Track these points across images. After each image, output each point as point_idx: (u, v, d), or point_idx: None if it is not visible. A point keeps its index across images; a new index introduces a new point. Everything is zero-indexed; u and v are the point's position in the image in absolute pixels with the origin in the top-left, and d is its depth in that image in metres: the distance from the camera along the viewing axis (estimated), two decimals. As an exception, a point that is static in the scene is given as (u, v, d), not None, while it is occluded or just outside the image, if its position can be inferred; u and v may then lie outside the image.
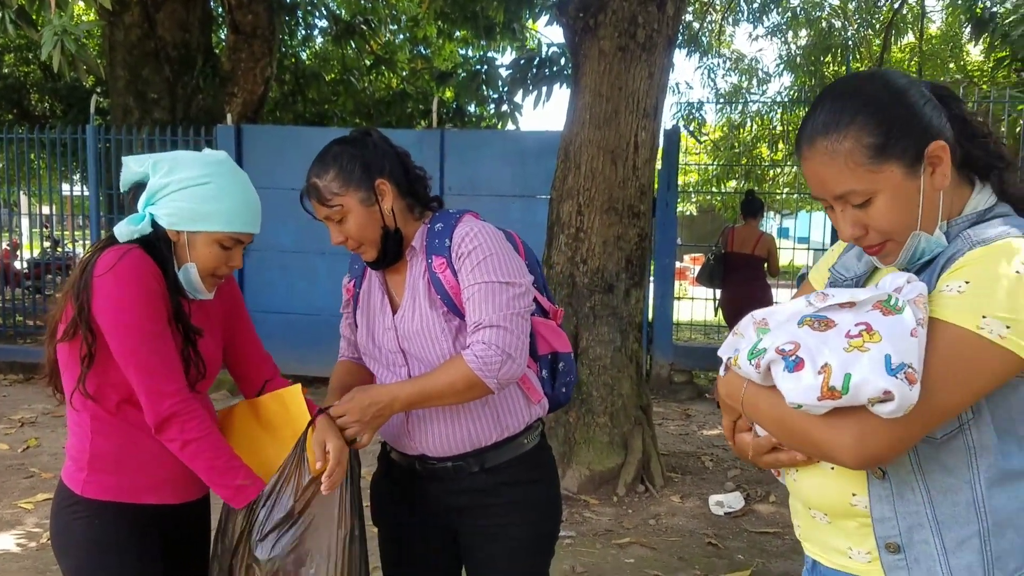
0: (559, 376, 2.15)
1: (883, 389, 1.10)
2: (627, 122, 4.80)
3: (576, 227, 4.88)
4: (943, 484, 1.23)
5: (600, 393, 4.92)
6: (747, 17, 13.01)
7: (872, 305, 1.18)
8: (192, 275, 1.87)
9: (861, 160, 1.24)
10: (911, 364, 1.11)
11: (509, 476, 2.02)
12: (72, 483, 1.86)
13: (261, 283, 7.80)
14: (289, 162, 7.59)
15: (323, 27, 12.20)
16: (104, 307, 1.75)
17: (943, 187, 1.26)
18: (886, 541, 1.28)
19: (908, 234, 1.27)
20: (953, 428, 1.22)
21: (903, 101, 1.25)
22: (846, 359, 1.13)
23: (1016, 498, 1.22)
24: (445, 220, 2.00)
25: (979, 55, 13.60)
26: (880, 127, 1.24)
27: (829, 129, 1.26)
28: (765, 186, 12.82)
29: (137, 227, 1.82)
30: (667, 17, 4.79)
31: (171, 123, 8.30)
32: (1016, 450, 1.22)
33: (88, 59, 5.52)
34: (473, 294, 1.89)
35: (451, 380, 1.87)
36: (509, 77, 8.00)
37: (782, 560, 4.08)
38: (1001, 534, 1.22)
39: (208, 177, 1.85)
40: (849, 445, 1.17)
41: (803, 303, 1.26)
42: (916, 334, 1.13)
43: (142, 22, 8.57)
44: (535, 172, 7.09)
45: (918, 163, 1.24)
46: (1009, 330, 1.14)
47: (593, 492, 4.85)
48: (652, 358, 7.93)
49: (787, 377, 1.18)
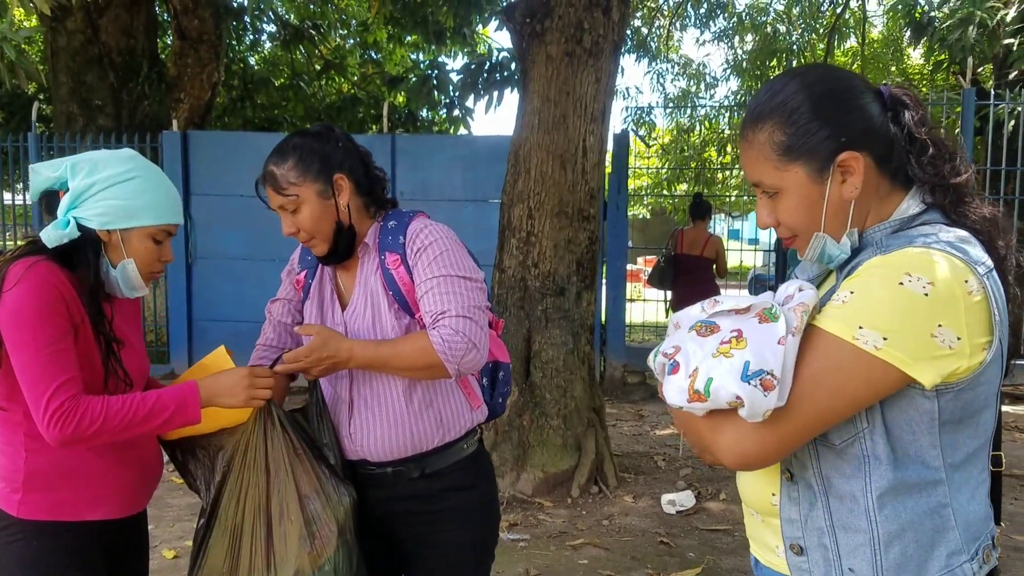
0: (498, 386, 2.17)
1: (735, 394, 1.13)
2: (575, 126, 4.84)
3: (527, 231, 4.91)
4: (840, 490, 1.24)
5: (553, 395, 4.95)
6: (694, 22, 13.21)
7: (755, 313, 1.21)
8: (131, 272, 1.84)
9: (769, 155, 1.27)
10: (771, 371, 1.13)
11: (448, 482, 2.02)
12: (5, 504, 1.78)
13: (210, 291, 7.71)
14: (237, 168, 7.51)
15: (271, 32, 12.10)
16: (5, 320, 1.69)
17: (852, 198, 1.25)
18: (791, 542, 1.30)
19: (811, 234, 1.29)
20: (850, 435, 1.22)
21: (829, 103, 1.25)
22: (711, 364, 1.17)
23: (909, 510, 1.21)
24: (398, 218, 2.01)
25: (919, 59, 13.96)
26: (792, 127, 1.25)
27: (753, 119, 1.29)
28: (714, 188, 12.99)
29: (65, 231, 1.76)
30: (613, 23, 4.84)
31: (116, 130, 8.17)
32: (914, 462, 1.21)
33: (28, 66, 5.42)
34: (433, 286, 1.89)
35: (412, 354, 1.87)
36: (460, 82, 8.02)
37: (732, 557, 4.14)
38: (892, 544, 1.21)
39: (131, 172, 1.82)
40: (726, 446, 1.21)
41: (699, 308, 1.30)
42: (784, 342, 1.15)
43: (85, 28, 8.41)
44: (486, 176, 7.12)
45: (826, 169, 1.24)
46: (886, 342, 1.13)
47: (547, 494, 4.87)
48: (605, 360, 7.99)
49: (667, 379, 1.24)
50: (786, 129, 1.25)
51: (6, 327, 1.69)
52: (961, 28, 7.38)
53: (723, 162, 13.82)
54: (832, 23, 11.81)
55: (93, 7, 8.39)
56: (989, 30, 7.38)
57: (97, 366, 1.80)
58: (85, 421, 1.68)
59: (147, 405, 1.75)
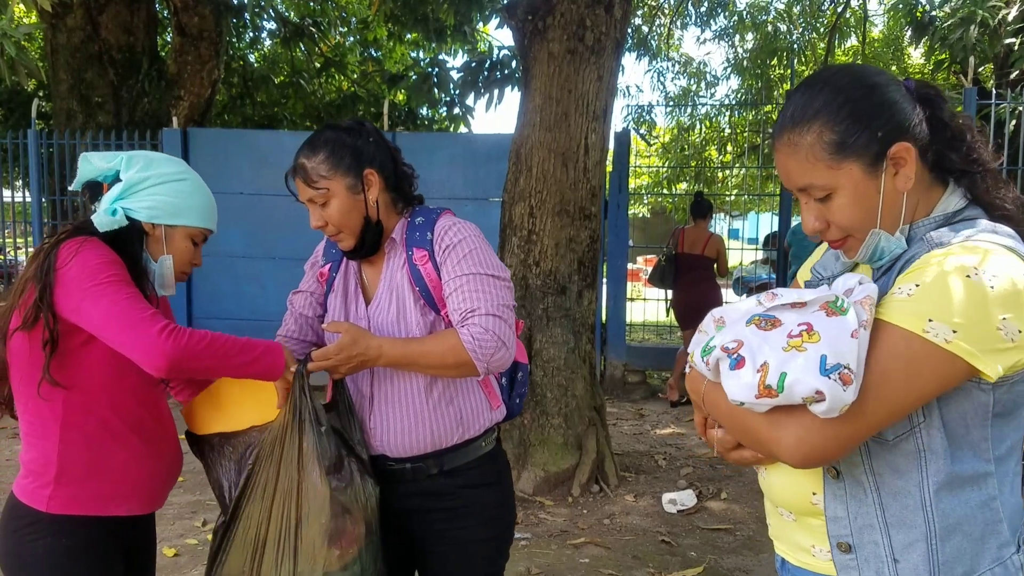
0: (516, 386, 2.18)
1: (815, 389, 1.11)
2: (577, 124, 4.82)
3: (528, 229, 4.90)
4: (893, 486, 1.24)
5: (554, 394, 4.94)
6: (695, 21, 13.17)
7: (819, 306, 1.19)
8: (167, 267, 1.90)
9: (821, 155, 1.24)
10: (847, 365, 1.11)
11: (466, 479, 2.03)
12: (33, 500, 1.79)
13: (209, 289, 7.70)
14: (237, 166, 7.52)
15: (271, 29, 12.07)
16: (73, 287, 1.71)
17: (906, 189, 1.25)
18: (838, 540, 1.28)
19: (868, 231, 1.27)
20: (904, 430, 1.22)
21: (870, 98, 1.25)
22: (783, 358, 1.14)
23: (964, 503, 1.22)
24: (425, 215, 2.03)
25: (919, 58, 13.94)
26: (842, 124, 1.23)
27: (795, 122, 1.26)
28: (715, 187, 12.98)
29: (115, 219, 1.82)
30: (615, 20, 4.83)
31: (116, 127, 8.15)
32: (967, 455, 1.22)
33: (28, 63, 5.40)
34: (463, 284, 1.90)
35: (442, 352, 1.87)
36: (460, 80, 8.00)
37: (734, 556, 4.14)
38: (948, 539, 1.22)
39: (184, 174, 1.92)
40: (790, 443, 1.17)
41: (754, 302, 1.26)
42: (857, 335, 1.13)
43: (85, 25, 8.40)
44: (487, 175, 7.10)
45: (880, 162, 1.24)
46: (956, 335, 1.13)
47: (548, 493, 4.87)
48: (606, 359, 7.98)
49: (729, 375, 1.19)
50: (836, 127, 1.24)
51: (78, 288, 1.71)
52: (962, 27, 7.36)
53: (723, 161, 13.82)
54: (833, 22, 11.79)
55: (93, 4, 8.37)
56: (990, 29, 7.37)
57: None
58: (196, 336, 1.71)
59: (241, 340, 1.79)
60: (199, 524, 4.42)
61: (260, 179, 7.40)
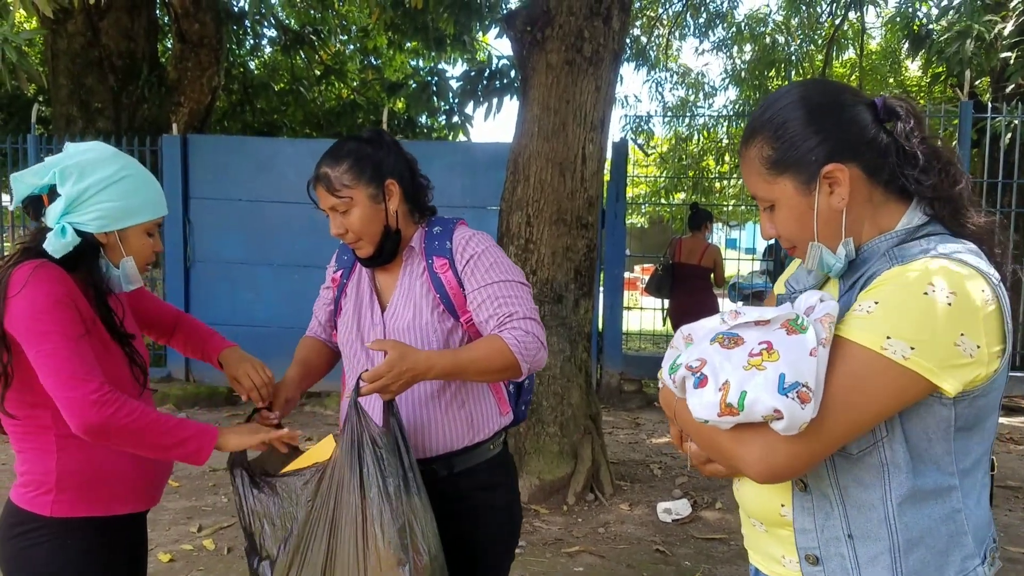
0: (523, 393, 2.23)
1: (773, 407, 1.12)
2: (575, 134, 4.85)
3: (525, 238, 4.92)
4: (858, 499, 1.25)
5: (550, 403, 4.95)
6: (693, 32, 13.22)
7: (780, 324, 1.21)
8: (130, 268, 1.88)
9: (759, 169, 1.32)
10: (806, 383, 1.13)
11: (474, 481, 2.07)
12: (34, 506, 1.80)
13: (207, 295, 7.70)
14: (236, 173, 7.53)
15: (272, 37, 12.12)
16: (18, 321, 1.69)
17: (841, 207, 1.27)
18: (806, 552, 1.30)
19: (807, 244, 1.32)
20: (868, 444, 1.23)
21: (813, 118, 1.27)
22: (743, 377, 1.16)
23: (927, 516, 1.23)
24: (443, 224, 2.08)
25: (917, 71, 14.01)
26: (778, 142, 1.29)
27: (747, 135, 1.34)
28: (712, 198, 13.02)
29: (67, 240, 1.76)
30: (613, 31, 4.86)
31: (115, 133, 8.17)
32: (930, 469, 1.23)
33: (29, 68, 5.43)
34: (497, 291, 1.96)
35: (490, 357, 1.91)
36: (459, 89, 8.03)
37: (728, 566, 4.15)
38: (911, 551, 1.23)
39: (121, 172, 1.83)
40: (754, 460, 1.20)
41: (718, 320, 1.30)
42: (815, 353, 1.15)
43: (86, 30, 8.43)
44: (485, 183, 7.13)
45: (813, 181, 1.27)
46: (914, 351, 1.14)
47: (543, 501, 4.87)
48: (602, 367, 7.99)
49: (693, 393, 1.22)
50: (773, 144, 1.29)
51: (22, 325, 1.69)
52: (959, 41, 7.41)
53: (721, 171, 13.85)
54: (831, 35, 11.84)
55: (94, 10, 8.40)
56: (987, 43, 7.41)
57: (121, 363, 1.84)
58: (124, 410, 1.69)
59: (172, 421, 1.79)
60: (194, 530, 4.42)
61: (259, 186, 7.42)
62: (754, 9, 13.37)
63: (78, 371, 1.67)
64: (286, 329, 5.10)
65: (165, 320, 2.20)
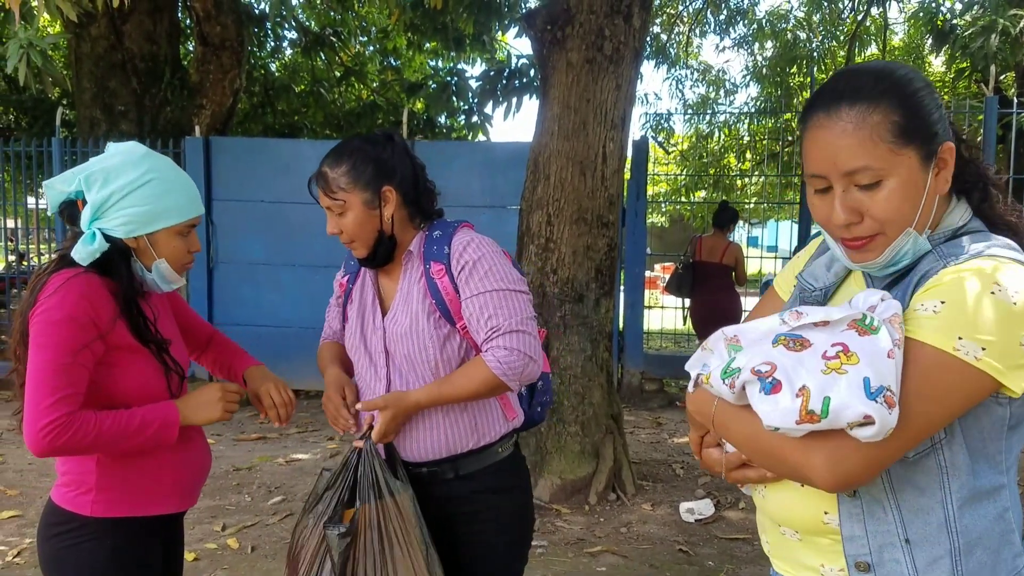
0: (537, 395, 2.21)
1: (863, 413, 1.07)
2: (595, 133, 4.84)
3: (546, 237, 4.91)
4: (915, 504, 1.22)
5: (571, 402, 4.94)
6: (714, 29, 13.16)
7: (847, 324, 1.15)
8: (165, 270, 1.88)
9: (885, 136, 1.19)
10: (889, 387, 1.08)
11: (483, 484, 2.06)
12: (75, 506, 1.82)
13: (230, 295, 7.76)
14: (258, 174, 7.58)
15: (292, 39, 12.17)
16: (32, 325, 1.73)
17: (943, 192, 1.24)
18: (856, 560, 1.26)
19: (901, 230, 1.23)
20: (925, 448, 1.20)
21: (928, 94, 1.24)
22: (824, 382, 1.10)
23: (985, 516, 1.22)
24: (443, 228, 2.06)
25: (940, 66, 13.86)
26: (908, 110, 1.20)
27: (858, 97, 1.20)
28: (733, 195, 12.95)
29: (94, 247, 1.77)
30: (634, 29, 4.84)
31: (139, 135, 8.23)
32: (986, 469, 1.22)
33: (54, 71, 5.48)
34: (487, 301, 1.94)
35: (475, 387, 1.95)
36: (479, 88, 8.03)
37: (752, 566, 4.12)
38: (971, 553, 1.21)
39: (146, 175, 1.81)
40: (823, 467, 1.14)
41: (776, 321, 1.22)
42: (893, 355, 1.10)
43: (109, 34, 8.49)
44: (505, 183, 7.12)
45: (931, 158, 1.22)
46: (984, 352, 1.12)
47: (565, 501, 4.87)
48: (623, 367, 7.98)
49: (764, 399, 1.14)
50: (903, 111, 1.20)
51: (33, 329, 1.73)
52: (983, 36, 7.32)
53: (742, 168, 13.77)
54: (853, 30, 11.75)
55: (117, 14, 8.47)
56: (1012, 38, 7.32)
57: (149, 370, 1.84)
58: (79, 435, 1.70)
59: (135, 420, 1.77)
60: (218, 528, 4.45)
61: (281, 187, 7.45)
62: (775, 5, 13.35)
63: (47, 397, 1.67)
64: (308, 329, 5.09)
65: (200, 336, 2.22)
